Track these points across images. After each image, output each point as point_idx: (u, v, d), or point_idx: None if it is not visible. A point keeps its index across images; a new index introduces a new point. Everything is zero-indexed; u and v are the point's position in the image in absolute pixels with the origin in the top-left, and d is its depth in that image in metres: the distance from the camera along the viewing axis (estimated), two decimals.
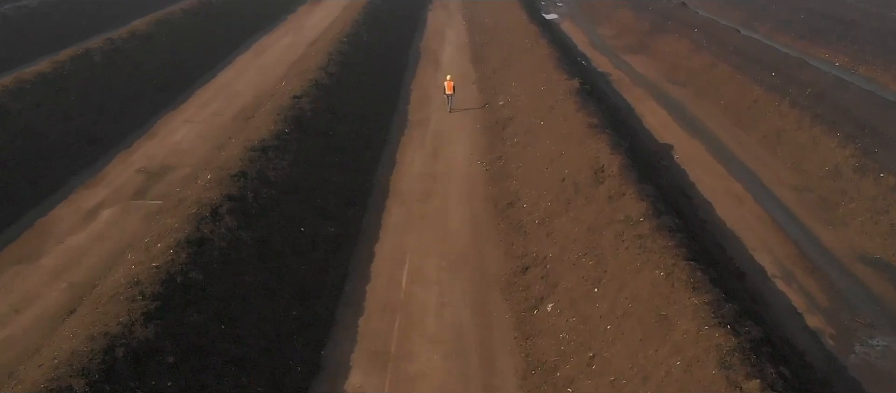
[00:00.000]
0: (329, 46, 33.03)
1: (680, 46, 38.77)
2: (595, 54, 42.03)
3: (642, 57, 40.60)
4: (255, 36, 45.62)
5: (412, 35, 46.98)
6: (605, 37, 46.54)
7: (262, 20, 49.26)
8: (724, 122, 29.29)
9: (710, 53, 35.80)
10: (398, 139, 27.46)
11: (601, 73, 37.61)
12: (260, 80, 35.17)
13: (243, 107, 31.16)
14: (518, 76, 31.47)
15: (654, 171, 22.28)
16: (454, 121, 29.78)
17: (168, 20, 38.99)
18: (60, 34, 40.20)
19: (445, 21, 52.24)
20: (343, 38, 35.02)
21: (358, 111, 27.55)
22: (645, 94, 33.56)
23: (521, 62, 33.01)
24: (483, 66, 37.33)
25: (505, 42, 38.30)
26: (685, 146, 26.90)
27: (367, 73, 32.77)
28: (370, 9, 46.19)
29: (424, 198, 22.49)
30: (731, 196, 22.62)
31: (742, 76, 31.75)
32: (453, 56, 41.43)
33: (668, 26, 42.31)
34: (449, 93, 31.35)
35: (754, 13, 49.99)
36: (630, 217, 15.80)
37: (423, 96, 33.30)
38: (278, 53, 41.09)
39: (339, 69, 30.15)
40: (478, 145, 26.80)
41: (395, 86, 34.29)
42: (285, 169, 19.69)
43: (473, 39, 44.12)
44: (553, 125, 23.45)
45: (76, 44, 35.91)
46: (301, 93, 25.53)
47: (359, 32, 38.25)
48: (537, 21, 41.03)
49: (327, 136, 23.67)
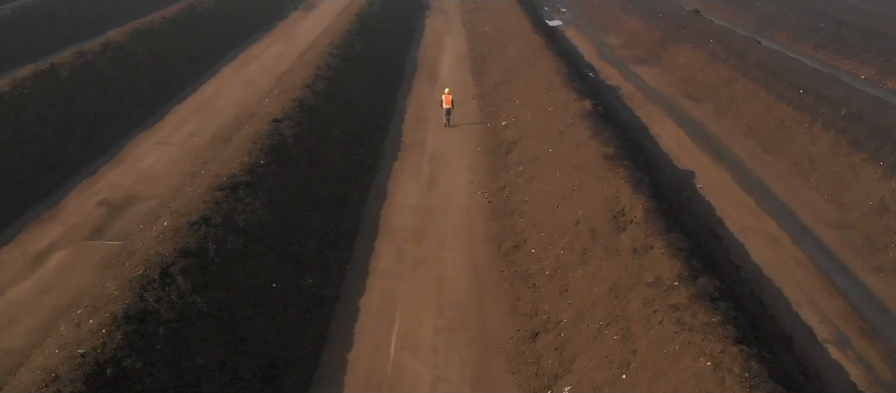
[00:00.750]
0: (317, 60, 30.45)
1: (694, 58, 36.20)
2: (603, 66, 39.46)
3: (654, 69, 38.03)
4: (243, 45, 43.05)
5: (409, 44, 44.42)
6: (613, 46, 43.96)
7: (250, 28, 46.70)
8: (748, 145, 26.71)
9: (728, 66, 33.23)
10: (391, 165, 24.87)
11: (610, 87, 35.04)
12: (243, 96, 32.59)
13: (222, 126, 28.58)
14: (522, 93, 28.90)
15: (679, 207, 19.69)
16: (453, 142, 27.21)
17: (147, 30, 36.40)
18: (30, 46, 37.64)
19: (444, 28, 49.68)
20: (333, 50, 32.44)
21: (346, 134, 24.96)
22: (659, 112, 30.98)
23: (525, 77, 30.44)
24: (484, 79, 34.76)
25: (507, 53, 35.74)
26: (708, 173, 24.31)
27: (358, 88, 30.18)
28: (365, 16, 43.63)
29: (419, 237, 19.90)
30: (765, 235, 20.03)
31: (765, 93, 29.17)
32: (452, 67, 38.86)
33: (680, 36, 39.74)
34: (447, 107, 28.90)
35: (770, 21, 47.41)
36: (661, 279, 13.21)
37: (419, 114, 30.72)
38: (266, 65, 38.51)
39: (326, 86, 27.56)
40: (479, 172, 24.22)
41: (389, 102, 31.71)
42: (257, 210, 17.09)
43: (474, 49, 41.55)
44: (563, 153, 20.87)
45: (45, 57, 33.40)
46: (282, 115, 22.95)
47: (351, 42, 35.66)
48: (541, 30, 38.48)
49: (310, 165, 21.08)
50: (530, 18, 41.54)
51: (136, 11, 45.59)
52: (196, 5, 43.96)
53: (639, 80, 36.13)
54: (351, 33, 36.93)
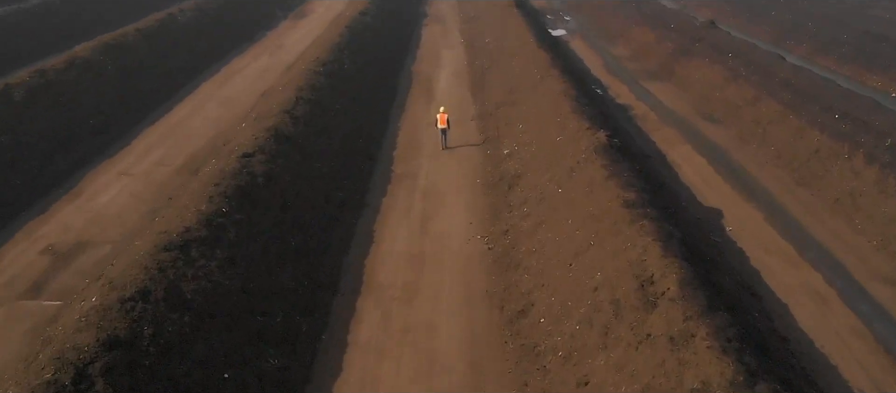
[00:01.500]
0: (299, 79, 27.62)
1: (712, 74, 33.39)
2: (611, 81, 36.64)
3: (667, 85, 35.22)
4: (226, 57, 40.27)
5: (404, 56, 41.62)
6: (622, 59, 41.15)
7: (236, 39, 43.91)
8: (779, 177, 23.89)
9: (750, 84, 30.42)
10: (379, 202, 22.05)
11: (621, 106, 32.23)
12: (221, 117, 29.79)
13: (195, 153, 25.79)
14: (526, 116, 26.08)
15: (712, 262, 16.86)
16: (449, 173, 24.40)
17: (118, 44, 33.59)
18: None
19: (441, 39, 46.87)
20: (318, 67, 29.62)
21: (329, 167, 22.14)
22: (676, 135, 28.16)
23: (529, 97, 27.63)
24: (484, 97, 31.94)
25: (510, 69, 32.93)
26: (738, 212, 21.48)
27: (345, 111, 27.36)
28: (357, 27, 40.82)
29: (409, 295, 17.09)
30: (811, 294, 17.20)
31: (795, 116, 26.35)
32: (450, 84, 36.06)
33: (695, 49, 36.93)
34: (442, 127, 26.21)
35: (788, 31, 44.59)
36: (709, 386, 10.38)
37: (412, 138, 27.89)
38: (249, 80, 35.72)
39: (308, 110, 24.74)
40: (478, 211, 21.41)
41: (380, 125, 28.88)
42: (213, 274, 14.27)
43: (473, 63, 38.73)
44: (575, 196, 18.04)
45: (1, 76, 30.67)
46: (254, 148, 20.12)
47: (339, 58, 32.83)
48: (546, 43, 35.68)
49: (283, 209, 18.26)
50: (533, 29, 38.74)
51: (111, 22, 42.69)
52: (176, 15, 41.17)
53: (651, 98, 33.32)
54: (340, 47, 34.11)
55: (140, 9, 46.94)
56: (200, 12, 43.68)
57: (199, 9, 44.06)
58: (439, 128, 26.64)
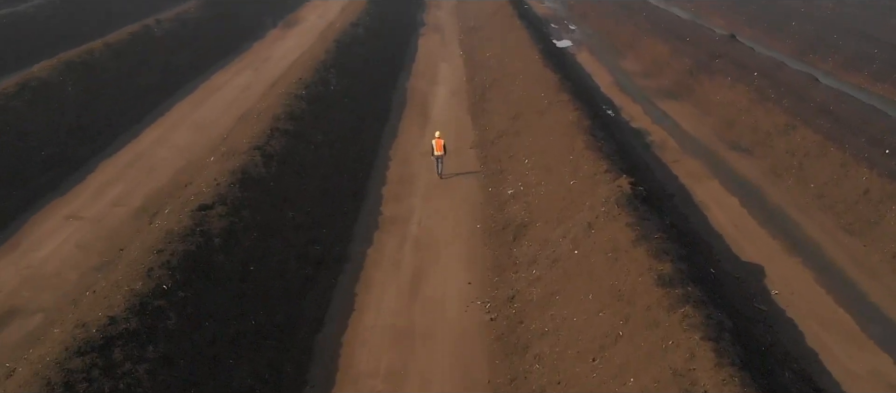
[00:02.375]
0: (277, 105, 24.53)
1: (736, 95, 30.30)
2: (623, 100, 33.55)
3: (685, 106, 32.12)
4: (206, 73, 37.17)
5: (397, 71, 38.53)
6: (633, 74, 38.07)
7: (218, 51, 40.82)
8: (824, 223, 20.80)
9: (781, 109, 27.32)
10: (363, 256, 18.94)
11: (636, 131, 29.14)
12: (192, 144, 26.73)
13: (157, 190, 22.74)
14: (533, 149, 22.99)
15: (767, 347, 13.78)
16: (446, 216, 21.32)
17: (83, 62, 30.49)
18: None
19: (439, 52, 43.76)
20: (300, 89, 26.53)
21: (305, 215, 19.04)
22: (701, 168, 25.07)
23: (535, 127, 24.54)
24: (484, 122, 28.84)
25: (513, 90, 29.83)
26: (782, 270, 18.38)
27: (328, 142, 24.27)
28: (346, 40, 37.71)
29: (392, 389, 13.98)
30: (885, 386, 14.11)
31: (837, 149, 23.26)
32: (447, 104, 32.96)
33: (715, 66, 33.82)
34: (438, 154, 23.51)
35: (811, 45, 41.49)
36: None
37: (404, 173, 24.80)
38: (228, 99, 32.64)
39: (284, 145, 21.64)
40: (478, 266, 18.33)
41: (369, 155, 25.77)
42: (140, 384, 11.15)
43: (473, 80, 35.63)
44: (596, 263, 14.95)
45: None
46: (214, 198, 17.02)
47: (325, 78, 29.72)
48: (552, 60, 32.56)
49: (243, 279, 15.16)
50: (538, 43, 35.64)
51: (85, 36, 39.49)
52: (152, 28, 38.08)
53: (669, 121, 30.21)
54: (326, 65, 30.99)
55: (120, 19, 43.89)
56: (180, 24, 40.58)
57: (179, 20, 40.97)
58: (435, 155, 23.82)
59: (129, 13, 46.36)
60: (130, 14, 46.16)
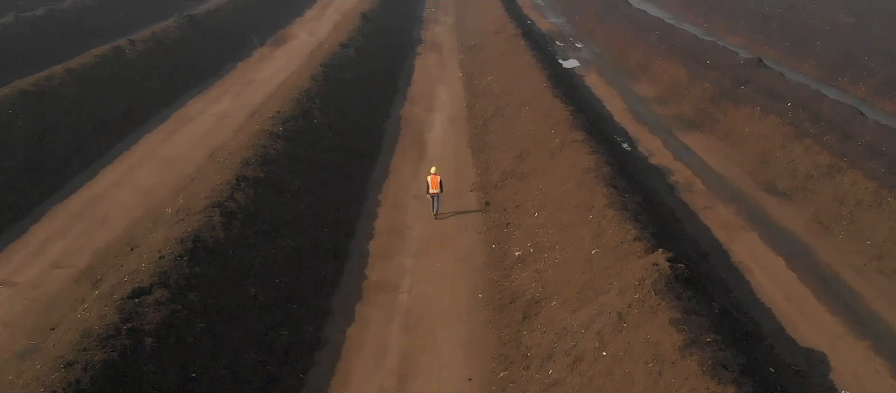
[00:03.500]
0: (249, 147, 21.31)
1: (768, 128, 27.11)
2: (639, 131, 30.36)
3: (710, 139, 28.91)
4: (182, 99, 33.98)
5: (392, 96, 35.38)
6: (649, 101, 34.90)
7: (197, 74, 37.65)
8: (891, 293, 17.54)
9: (823, 147, 24.13)
10: (341, 339, 15.65)
11: (656, 170, 25.94)
12: (153, 189, 23.50)
13: (106, 246, 19.52)
14: (543, 199, 19.76)
15: None
16: (442, 281, 18.08)
17: (38, 91, 27.31)
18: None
19: (437, 73, 40.62)
20: (277, 126, 23.32)
21: (271, 291, 15.77)
22: (735, 217, 21.85)
23: (546, 171, 21.32)
24: (487, 159, 25.64)
25: (518, 121, 26.64)
26: (850, 361, 15.12)
27: (307, 188, 21.04)
28: (335, 62, 34.53)
29: None
30: None
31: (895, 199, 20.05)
32: (445, 135, 29.77)
33: (741, 93, 30.62)
34: (434, 192, 20.91)
35: (839, 66, 38.35)
36: None
37: (395, 221, 21.56)
38: (201, 131, 29.45)
39: (252, 198, 18.40)
40: (480, 355, 15.07)
41: (355, 203, 22.51)
42: None
43: (473, 108, 32.46)
44: (632, 373, 11.69)
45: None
46: (152, 278, 13.75)
47: (308, 110, 26.51)
48: (563, 89, 29.36)
49: (181, 388, 11.86)
50: (545, 67, 32.47)
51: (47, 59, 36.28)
52: (125, 49, 34.92)
53: (693, 158, 27.00)
54: (310, 94, 27.80)
55: (91, 39, 40.80)
56: (156, 44, 37.40)
57: (155, 39, 37.79)
58: (430, 193, 21.15)
59: (103, 31, 43.30)
60: (105, 32, 43.10)
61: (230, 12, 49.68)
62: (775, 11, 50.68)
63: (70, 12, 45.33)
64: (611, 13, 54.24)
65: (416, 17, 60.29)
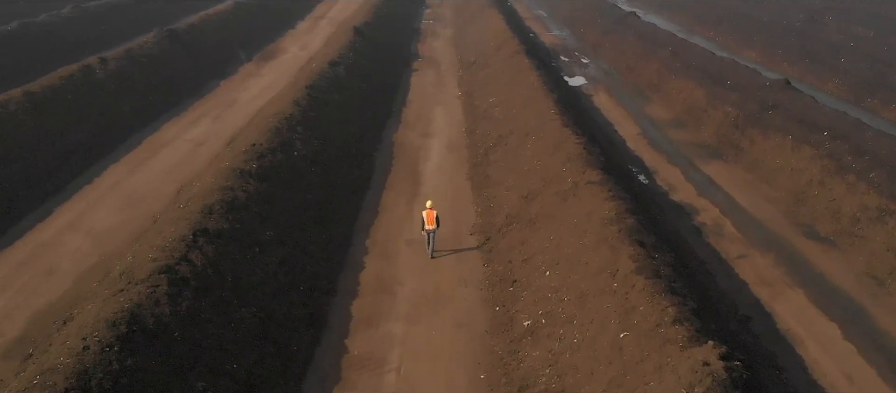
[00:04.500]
0: (214, 190, 18.46)
1: (803, 161, 24.32)
2: (656, 160, 27.56)
3: (736, 171, 26.10)
4: (156, 122, 31.22)
5: (384, 119, 32.61)
6: (664, 124, 32.11)
7: (175, 93, 34.92)
8: None
9: (869, 185, 21.33)
10: None
11: (678, 208, 23.12)
12: (114, 229, 20.76)
13: (47, 309, 16.67)
14: (556, 256, 16.91)
15: None
16: (438, 356, 15.21)
17: None
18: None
19: (434, 93, 37.86)
20: (251, 163, 20.49)
21: (224, 384, 12.84)
22: (776, 271, 19.01)
23: (558, 219, 18.48)
24: (490, 196, 22.82)
25: (525, 155, 23.84)
26: None
27: (278, 237, 18.18)
28: (323, 84, 31.75)
29: None
30: None
31: None
32: (443, 164, 26.96)
33: (769, 120, 27.84)
34: (430, 228, 18.64)
35: (868, 85, 35.58)
36: None
37: (384, 274, 18.70)
38: (173, 160, 26.69)
39: (211, 257, 15.52)
40: None
41: (337, 250, 19.65)
42: None
43: (474, 133, 29.67)
44: None
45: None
46: (71, 377, 10.88)
47: (290, 140, 23.72)
48: (573, 115, 26.54)
49: None
50: (552, 90, 29.69)
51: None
52: (94, 68, 32.16)
53: (718, 193, 24.18)
54: (291, 122, 25.00)
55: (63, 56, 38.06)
56: (130, 61, 34.66)
57: (129, 57, 35.04)
58: (426, 229, 18.87)
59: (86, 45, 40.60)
60: (87, 47, 40.42)
61: (216, 26, 47.01)
62: (793, 25, 48.01)
63: (47, 26, 42.75)
64: (617, 26, 51.58)
65: (413, 29, 57.65)
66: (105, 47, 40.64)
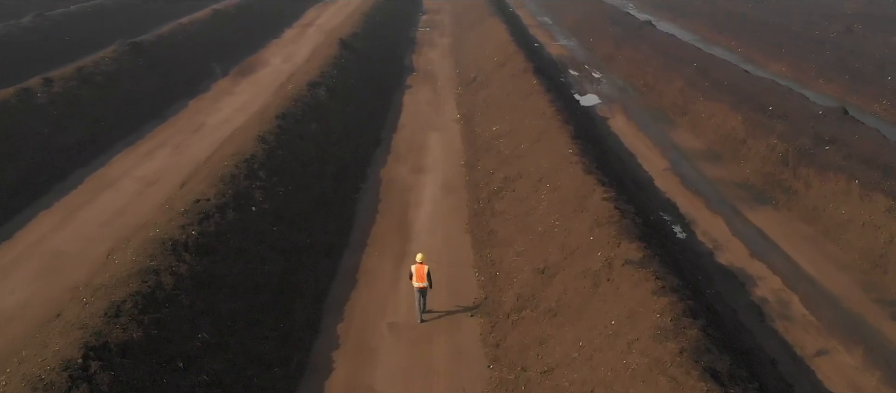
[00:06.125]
0: (131, 277, 14.00)
1: (875, 212, 19.90)
2: (692, 204, 23.15)
3: (791, 222, 21.65)
4: (105, 154, 26.93)
5: (371, 149, 28.24)
6: (695, 156, 27.67)
7: (133, 118, 30.56)
8: None
9: None
10: None
11: (728, 274, 18.70)
12: (24, 305, 16.39)
13: None
14: (589, 373, 12.48)
15: None
16: None
17: None
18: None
19: (430, 115, 33.45)
20: (190, 230, 16.02)
21: None
22: (871, 377, 14.57)
23: (588, 318, 14.04)
24: (494, 260, 18.38)
25: (539, 210, 19.40)
26: None
27: (218, 338, 13.70)
28: (298, 112, 27.29)
29: None
30: None
31: None
32: (438, 211, 22.53)
33: (826, 157, 23.41)
34: (420, 286, 15.72)
35: None
36: None
37: (356, 378, 14.24)
38: (117, 204, 22.39)
39: (105, 387, 11.04)
40: None
41: (299, 344, 15.17)
42: None
43: (475, 170, 25.23)
44: None
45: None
46: None
47: (248, 192, 19.22)
48: (595, 154, 22.08)
49: None
50: (566, 118, 25.24)
51: None
52: (35, 91, 27.75)
53: (775, 254, 19.73)
54: (251, 168, 20.48)
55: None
56: (81, 82, 30.26)
57: (80, 77, 30.63)
58: (415, 287, 15.70)
59: (34, 63, 36.13)
60: (36, 64, 35.95)
61: (189, 36, 42.61)
62: (828, 36, 43.61)
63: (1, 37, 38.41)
64: (632, 36, 47.16)
65: (407, 38, 53.28)
66: (67, 61, 36.32)
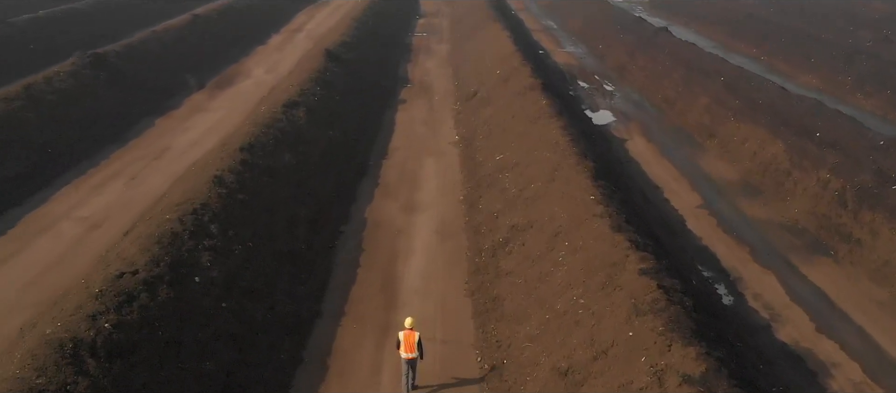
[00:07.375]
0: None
1: None
2: (735, 255, 19.42)
3: (860, 281, 17.94)
4: (52, 185, 23.23)
5: (356, 180, 24.55)
6: (731, 190, 23.95)
7: (90, 140, 26.89)
8: None
9: None
10: None
11: (793, 356, 15.00)
12: None
13: None
14: None
15: None
16: None
17: None
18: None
19: (425, 136, 29.72)
20: (101, 320, 12.23)
21: None
22: None
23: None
24: (503, 344, 14.66)
25: (557, 279, 15.64)
26: None
27: None
28: (269, 140, 23.54)
29: None
30: None
31: None
32: (431, 265, 18.78)
33: (893, 198, 19.66)
34: (408, 356, 13.06)
35: None
36: None
37: None
38: (51, 254, 18.77)
39: None
40: None
41: None
42: None
43: (476, 209, 21.50)
44: None
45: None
46: None
47: (193, 253, 15.45)
48: (620, 199, 18.31)
49: None
50: (584, 150, 21.51)
51: None
52: None
53: (848, 330, 16.01)
54: (202, 219, 16.68)
55: None
56: (29, 102, 26.57)
57: (29, 96, 26.92)
58: (404, 358, 13.03)
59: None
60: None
61: (163, 45, 38.90)
62: (862, 45, 39.90)
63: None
64: (645, 43, 43.44)
65: (402, 45, 49.52)
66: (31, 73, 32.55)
